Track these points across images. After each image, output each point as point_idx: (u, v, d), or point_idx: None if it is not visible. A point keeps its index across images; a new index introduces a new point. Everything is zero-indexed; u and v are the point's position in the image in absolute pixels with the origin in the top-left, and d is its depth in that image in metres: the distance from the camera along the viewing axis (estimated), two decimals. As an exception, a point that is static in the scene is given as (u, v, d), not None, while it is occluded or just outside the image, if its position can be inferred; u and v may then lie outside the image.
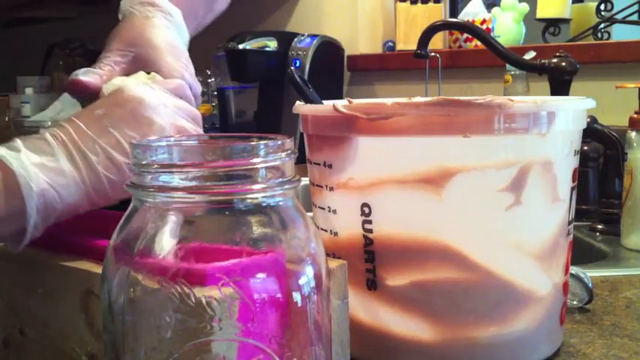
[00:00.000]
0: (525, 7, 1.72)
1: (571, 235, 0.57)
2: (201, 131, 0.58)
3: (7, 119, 2.06)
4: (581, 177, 0.66)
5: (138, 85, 0.56)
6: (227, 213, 0.35)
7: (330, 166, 0.55)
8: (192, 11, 0.74)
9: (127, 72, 0.63)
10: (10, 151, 0.48)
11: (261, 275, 0.34)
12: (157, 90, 0.56)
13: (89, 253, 0.49)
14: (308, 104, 0.57)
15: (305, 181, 0.46)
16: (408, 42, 1.85)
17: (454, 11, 1.98)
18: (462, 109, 0.49)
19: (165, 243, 0.34)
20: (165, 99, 0.55)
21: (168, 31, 0.66)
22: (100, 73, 0.61)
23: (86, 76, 0.60)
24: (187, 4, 0.72)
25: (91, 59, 0.65)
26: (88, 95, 0.60)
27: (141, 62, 0.63)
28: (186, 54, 0.67)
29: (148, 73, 0.62)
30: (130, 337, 0.35)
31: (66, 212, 0.49)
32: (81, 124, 0.51)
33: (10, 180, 0.46)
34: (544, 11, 1.67)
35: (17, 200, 0.46)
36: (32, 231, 0.48)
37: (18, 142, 0.49)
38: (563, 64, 1.07)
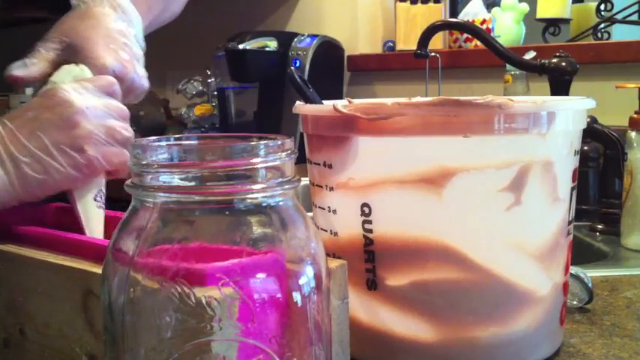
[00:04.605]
0: (525, 7, 1.72)
1: (571, 235, 0.57)
2: (129, 128, 0.61)
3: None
4: (581, 177, 0.66)
5: (69, 84, 0.59)
6: (227, 213, 0.35)
7: (330, 166, 0.55)
8: (147, 1, 0.75)
9: (61, 60, 0.64)
10: None
11: (261, 275, 0.34)
12: (87, 90, 0.59)
13: (89, 253, 0.49)
14: (308, 104, 0.57)
15: (305, 181, 0.46)
16: (408, 42, 1.85)
17: (454, 11, 1.98)
18: (462, 109, 0.49)
19: (165, 243, 0.34)
20: (94, 100, 0.58)
21: (107, 19, 0.67)
22: (33, 64, 0.63)
23: (19, 70, 0.63)
24: None
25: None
26: (32, 84, 0.64)
27: (72, 52, 0.64)
28: (126, 40, 0.67)
29: (77, 65, 0.63)
30: (130, 337, 0.35)
31: None
32: (13, 127, 0.55)
33: None
34: (544, 11, 1.67)
35: None
36: None
37: None
38: (563, 64, 1.07)
